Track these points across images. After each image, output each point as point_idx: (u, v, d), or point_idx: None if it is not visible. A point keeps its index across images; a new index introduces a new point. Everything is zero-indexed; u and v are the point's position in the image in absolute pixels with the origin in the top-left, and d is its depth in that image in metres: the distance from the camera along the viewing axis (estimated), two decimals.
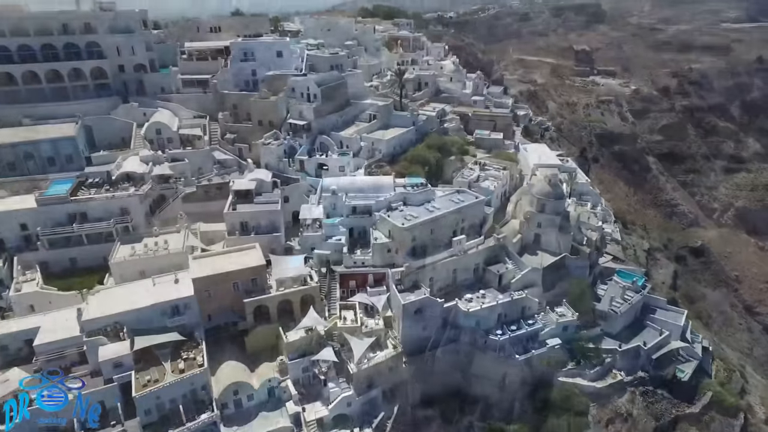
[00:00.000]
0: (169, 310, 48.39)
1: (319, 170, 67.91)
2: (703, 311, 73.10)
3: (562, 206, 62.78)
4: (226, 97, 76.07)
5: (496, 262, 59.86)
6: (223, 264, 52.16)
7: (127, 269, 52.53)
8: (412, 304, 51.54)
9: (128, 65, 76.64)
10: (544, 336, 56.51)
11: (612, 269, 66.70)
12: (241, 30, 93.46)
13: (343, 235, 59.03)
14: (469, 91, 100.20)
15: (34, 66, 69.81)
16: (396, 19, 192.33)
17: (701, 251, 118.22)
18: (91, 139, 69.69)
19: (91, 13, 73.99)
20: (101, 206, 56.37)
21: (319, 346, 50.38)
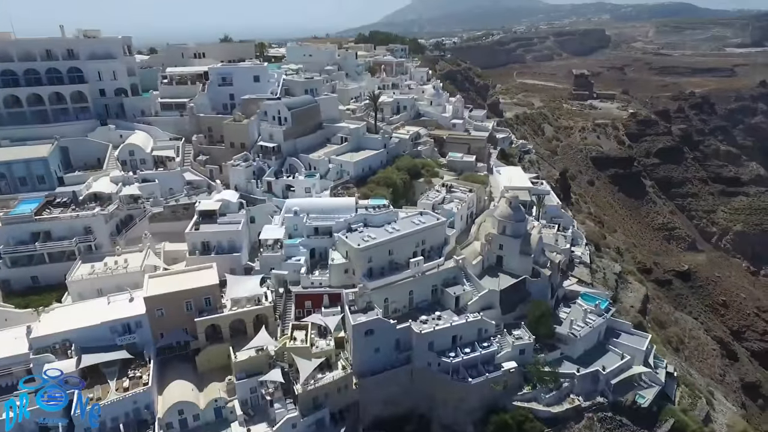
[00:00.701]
0: (120, 328, 49.03)
1: (286, 191, 69.14)
2: (674, 336, 72.01)
3: (523, 228, 63.06)
4: (202, 119, 78.17)
5: (455, 284, 59.95)
6: (177, 283, 52.89)
7: (85, 287, 53.44)
8: (362, 325, 51.63)
9: (109, 89, 79.28)
10: (500, 359, 56.06)
11: (577, 292, 66.38)
12: (224, 56, 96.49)
13: (303, 256, 59.71)
14: (448, 115, 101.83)
15: (17, 90, 72.63)
16: (391, 44, 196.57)
17: (688, 275, 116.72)
18: (67, 160, 71.78)
19: (74, 40, 77.09)
20: (65, 225, 57.74)
21: (269, 366, 50.62)
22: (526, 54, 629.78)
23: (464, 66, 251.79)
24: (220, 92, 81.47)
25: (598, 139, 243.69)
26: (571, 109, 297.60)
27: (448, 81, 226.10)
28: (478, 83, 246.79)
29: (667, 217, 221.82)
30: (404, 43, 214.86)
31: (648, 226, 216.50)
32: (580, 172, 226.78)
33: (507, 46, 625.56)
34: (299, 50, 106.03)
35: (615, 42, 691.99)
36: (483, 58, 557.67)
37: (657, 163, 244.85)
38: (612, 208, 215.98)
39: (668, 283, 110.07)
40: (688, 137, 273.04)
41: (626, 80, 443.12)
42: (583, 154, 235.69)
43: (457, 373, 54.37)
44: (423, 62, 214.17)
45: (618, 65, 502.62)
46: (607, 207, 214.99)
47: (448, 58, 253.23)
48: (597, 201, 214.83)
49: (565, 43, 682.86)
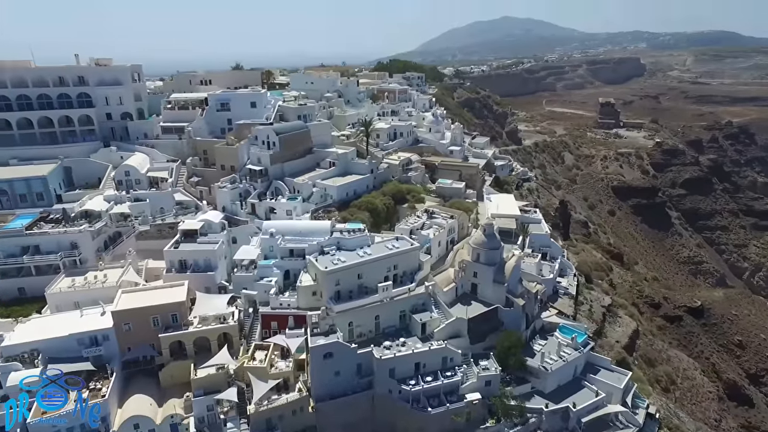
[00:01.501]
0: (87, 340, 51.00)
1: (269, 213, 70.93)
2: (664, 375, 68.23)
3: (498, 256, 62.22)
4: (198, 143, 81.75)
5: (423, 311, 59.45)
6: (148, 299, 54.75)
7: (62, 300, 56.04)
8: (321, 348, 51.70)
9: (116, 113, 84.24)
10: (464, 390, 54.75)
11: (556, 324, 64.47)
12: (230, 83, 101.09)
13: (276, 277, 60.74)
14: (446, 142, 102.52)
15: (30, 114, 78.21)
16: (408, 73, 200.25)
17: (701, 312, 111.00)
18: (70, 179, 76.25)
19: (84, 68, 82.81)
20: (53, 240, 61.08)
21: (227, 384, 51.31)
22: (557, 82, 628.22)
23: (483, 94, 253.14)
24: (219, 117, 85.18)
25: (620, 168, 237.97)
26: (595, 137, 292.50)
27: (465, 108, 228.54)
28: (497, 111, 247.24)
29: (694, 250, 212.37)
30: (422, 71, 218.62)
31: (673, 258, 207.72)
32: (600, 201, 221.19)
33: (537, 74, 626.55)
34: (302, 78, 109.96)
35: (650, 70, 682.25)
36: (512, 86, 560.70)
37: (683, 194, 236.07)
38: (633, 239, 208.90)
39: (678, 320, 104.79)
40: (718, 168, 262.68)
41: (660, 109, 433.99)
42: (604, 183, 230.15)
43: (418, 402, 53.36)
44: (440, 90, 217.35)
45: (652, 94, 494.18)
46: (629, 238, 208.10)
47: (468, 86, 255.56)
48: (618, 231, 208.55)
49: (599, 71, 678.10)
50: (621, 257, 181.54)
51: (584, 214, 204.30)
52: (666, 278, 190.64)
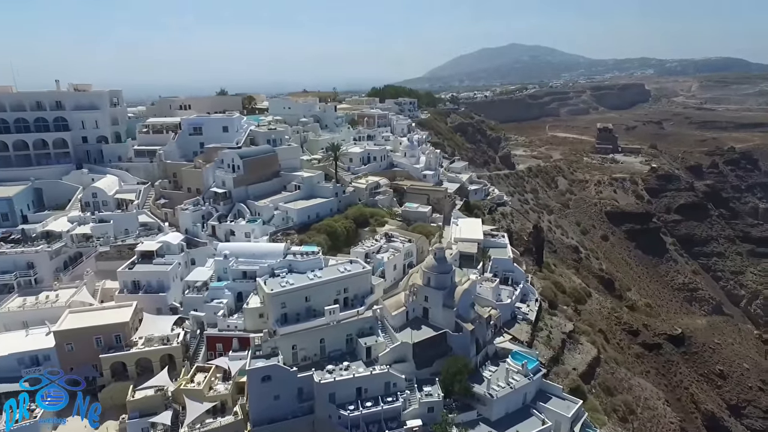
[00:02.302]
0: (27, 360, 51.57)
1: (230, 236, 71.85)
2: (622, 405, 66.64)
3: (448, 281, 62.21)
4: (168, 166, 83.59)
5: (371, 334, 59.32)
6: (93, 319, 55.40)
7: (10, 319, 56.85)
8: (258, 370, 51.55)
9: (91, 137, 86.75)
10: (406, 416, 54.11)
11: (509, 350, 63.81)
12: (210, 108, 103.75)
13: (227, 299, 61.19)
14: (420, 166, 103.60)
15: (5, 137, 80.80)
16: (400, 98, 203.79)
17: (681, 340, 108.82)
18: (41, 200, 78.09)
19: (62, 93, 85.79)
20: (10, 260, 62.31)
21: (164, 407, 51.29)
22: (561, 108, 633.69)
23: (477, 119, 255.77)
24: (191, 141, 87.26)
25: (614, 194, 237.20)
26: (591, 162, 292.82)
27: (458, 133, 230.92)
28: (490, 136, 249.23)
29: (689, 276, 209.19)
30: (416, 97, 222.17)
31: (667, 285, 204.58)
32: (593, 226, 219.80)
33: (541, 100, 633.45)
34: (280, 103, 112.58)
35: (655, 96, 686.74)
36: (516, 111, 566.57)
37: (678, 220, 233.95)
38: (627, 265, 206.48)
39: (657, 348, 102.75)
40: (715, 194, 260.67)
41: (662, 135, 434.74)
42: (598, 208, 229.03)
43: (357, 428, 52.82)
44: (433, 115, 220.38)
45: (655, 119, 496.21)
46: (622, 263, 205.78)
47: (461, 112, 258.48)
48: (610, 257, 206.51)
49: (603, 97, 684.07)
50: (612, 283, 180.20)
51: (576, 239, 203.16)
52: (659, 305, 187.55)
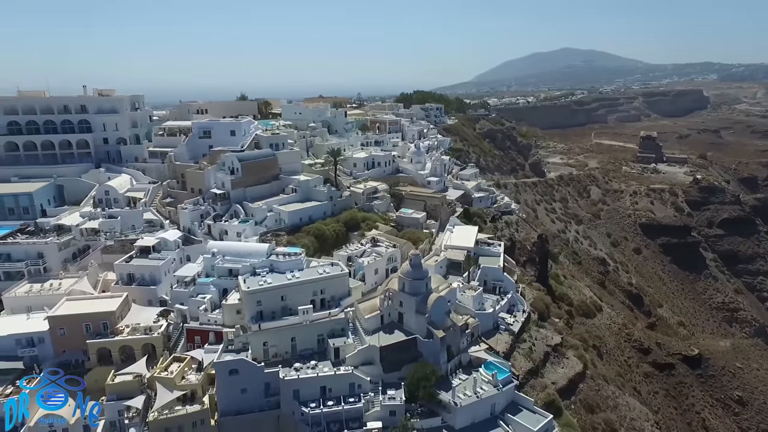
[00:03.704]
0: (24, 341, 56.64)
1: (223, 235, 75.45)
2: (603, 423, 64.00)
3: (423, 287, 62.64)
4: (177, 167, 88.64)
5: (342, 336, 60.75)
6: (84, 307, 60.04)
7: (17, 304, 62.51)
8: (225, 364, 54.22)
9: (112, 138, 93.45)
10: (367, 417, 55.15)
11: (483, 360, 63.39)
12: (225, 112, 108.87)
13: (211, 294, 64.48)
14: (425, 172, 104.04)
15: (35, 137, 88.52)
16: (427, 104, 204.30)
17: (698, 362, 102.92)
18: (62, 196, 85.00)
19: (86, 97, 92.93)
20: (22, 250, 68.44)
21: (140, 392, 54.94)
22: (609, 114, 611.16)
23: (507, 125, 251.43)
24: (200, 144, 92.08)
25: (651, 205, 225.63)
26: (630, 171, 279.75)
27: (487, 140, 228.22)
28: (520, 143, 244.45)
29: (730, 295, 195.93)
30: (445, 102, 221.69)
31: (704, 303, 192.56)
32: (625, 238, 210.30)
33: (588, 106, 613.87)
34: (292, 108, 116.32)
35: (715, 103, 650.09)
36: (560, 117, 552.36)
37: (721, 235, 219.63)
38: (660, 280, 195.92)
39: (669, 368, 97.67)
40: (766, 208, 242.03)
41: (718, 144, 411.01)
42: (632, 219, 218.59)
43: (319, 426, 54.37)
44: (461, 121, 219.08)
45: (713, 128, 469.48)
46: (654, 278, 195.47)
47: (492, 117, 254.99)
48: (642, 271, 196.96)
49: (656, 103, 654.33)
50: (641, 298, 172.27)
51: (605, 250, 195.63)
52: (694, 324, 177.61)
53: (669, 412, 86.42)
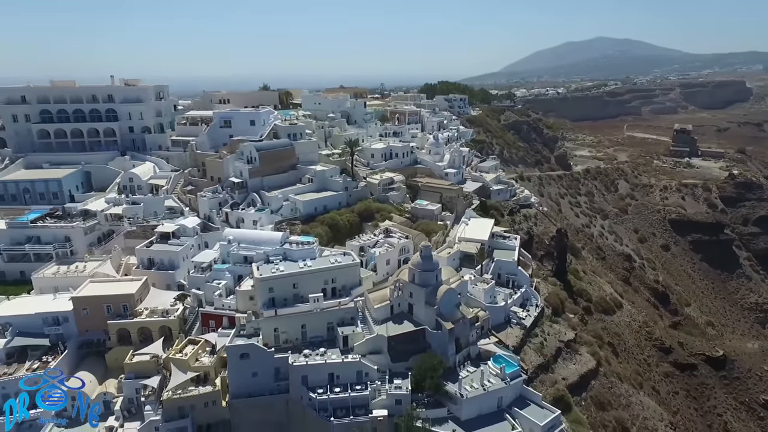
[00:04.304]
0: (50, 319, 59.57)
1: (240, 223, 77.14)
2: (614, 421, 62.88)
3: (432, 279, 62.71)
4: (198, 155, 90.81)
5: (351, 324, 61.52)
6: (106, 289, 62.62)
7: (45, 284, 65.68)
8: (237, 348, 55.85)
9: (137, 127, 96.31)
10: (374, 405, 55.89)
11: (492, 353, 63.22)
12: (247, 102, 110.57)
13: (226, 280, 66.23)
14: (443, 164, 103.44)
15: (65, 125, 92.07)
16: (451, 94, 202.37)
17: (722, 363, 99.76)
18: (89, 182, 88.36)
19: (113, 87, 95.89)
20: (51, 233, 71.68)
21: (156, 372, 57.22)
22: (644, 106, 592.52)
23: (534, 117, 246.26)
24: (221, 133, 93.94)
25: (682, 201, 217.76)
26: (661, 166, 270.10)
27: (512, 131, 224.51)
28: (546, 134, 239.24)
29: (765, 296, 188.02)
30: (469, 93, 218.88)
31: (736, 304, 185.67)
32: (653, 234, 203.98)
33: (621, 98, 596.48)
34: (312, 98, 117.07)
35: (758, 95, 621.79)
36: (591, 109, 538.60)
37: (757, 233, 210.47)
38: (689, 278, 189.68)
39: (691, 368, 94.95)
40: None
41: (761, 138, 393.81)
42: (661, 215, 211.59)
43: (326, 411, 55.45)
44: (485, 112, 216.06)
45: (754, 121, 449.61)
46: (683, 276, 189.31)
47: (518, 109, 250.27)
48: (670, 268, 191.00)
49: (694, 95, 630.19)
50: (667, 297, 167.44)
51: (631, 246, 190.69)
52: (723, 324, 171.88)
53: (689, 413, 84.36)
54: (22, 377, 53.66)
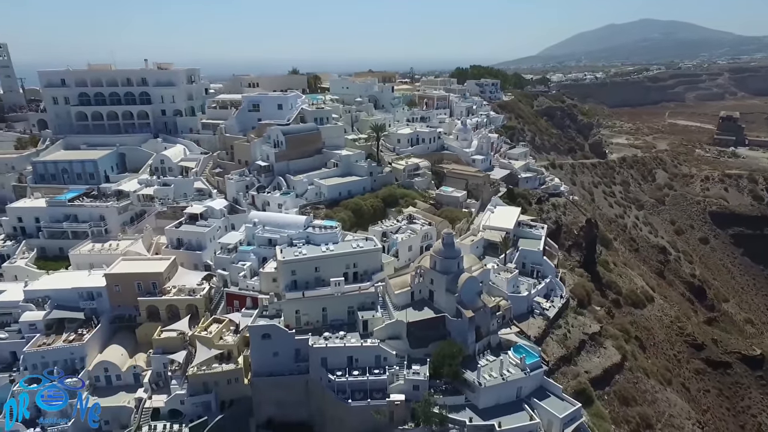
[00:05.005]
0: (85, 294, 62.33)
1: (265, 206, 78.32)
2: (637, 417, 61.22)
3: (454, 266, 62.22)
4: (227, 139, 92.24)
5: (371, 309, 61.89)
6: (137, 267, 65.00)
7: (81, 261, 68.67)
8: (259, 328, 57.10)
9: (169, 110, 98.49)
10: (391, 390, 56.40)
11: (513, 342, 62.57)
12: (276, 86, 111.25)
13: (251, 262, 67.60)
14: (471, 150, 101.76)
15: (102, 108, 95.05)
16: (483, 79, 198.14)
17: (759, 363, 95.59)
18: (124, 164, 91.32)
19: (146, 71, 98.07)
20: (87, 212, 74.68)
21: (183, 348, 59.35)
22: (688, 92, 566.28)
23: (568, 103, 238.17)
24: (250, 117, 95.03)
25: (725, 192, 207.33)
26: (704, 155, 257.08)
27: (544, 117, 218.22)
28: (581, 121, 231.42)
29: None
30: (499, 77, 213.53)
31: None
32: (691, 226, 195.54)
33: (663, 83, 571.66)
34: (340, 82, 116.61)
35: None
36: (630, 95, 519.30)
37: None
38: (728, 273, 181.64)
39: (725, 366, 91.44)
40: None
41: None
42: (701, 207, 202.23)
43: (344, 393, 56.32)
44: (517, 97, 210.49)
45: None
46: (722, 271, 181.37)
47: (552, 94, 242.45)
48: (708, 262, 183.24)
49: (745, 80, 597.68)
50: (704, 291, 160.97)
51: (667, 239, 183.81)
52: (765, 322, 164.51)
53: (720, 413, 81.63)
54: (60, 348, 56.70)
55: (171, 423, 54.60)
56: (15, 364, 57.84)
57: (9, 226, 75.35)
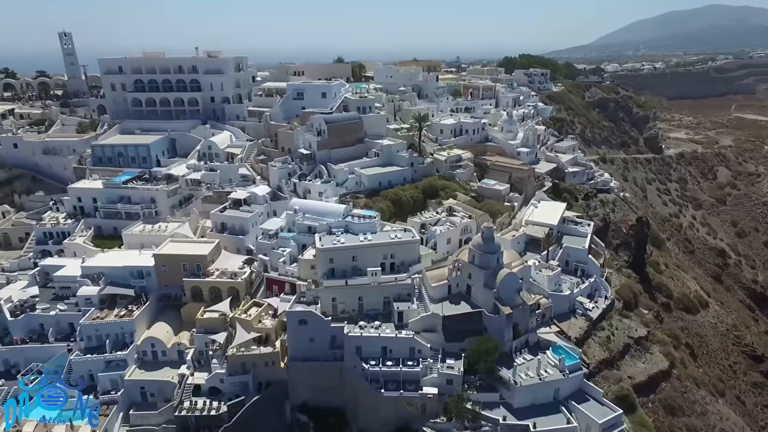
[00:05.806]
0: (136, 272, 65.49)
1: (306, 193, 79.34)
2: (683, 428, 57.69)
3: (493, 261, 60.85)
4: (272, 126, 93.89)
5: (407, 301, 61.66)
6: (183, 249, 67.53)
7: (133, 240, 72.11)
8: (296, 314, 58.16)
9: (217, 97, 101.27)
10: (425, 382, 56.17)
11: (552, 342, 60.77)
12: (320, 74, 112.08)
13: (291, 248, 68.82)
14: (516, 142, 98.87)
15: (155, 94, 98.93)
16: (532, 69, 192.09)
17: None
18: (174, 148, 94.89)
19: (197, 59, 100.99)
20: (139, 194, 78.26)
21: (224, 329, 61.38)
22: (759, 84, 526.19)
23: (623, 94, 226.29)
24: (294, 105, 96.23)
25: None
26: None
27: (597, 109, 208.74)
28: (636, 114, 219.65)
29: None
30: (549, 66, 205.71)
31: None
32: (755, 229, 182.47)
33: (731, 74, 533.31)
34: (384, 71, 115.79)
35: None
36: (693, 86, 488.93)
37: None
38: None
39: None
40: None
41: None
42: (767, 208, 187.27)
43: (377, 383, 56.58)
44: (568, 88, 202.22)
45: None
46: None
47: (605, 85, 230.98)
48: None
49: None
50: (766, 299, 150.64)
51: (727, 241, 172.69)
52: None
53: None
54: (113, 322, 59.96)
55: (211, 400, 56.84)
56: (72, 334, 61.73)
57: (70, 205, 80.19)
